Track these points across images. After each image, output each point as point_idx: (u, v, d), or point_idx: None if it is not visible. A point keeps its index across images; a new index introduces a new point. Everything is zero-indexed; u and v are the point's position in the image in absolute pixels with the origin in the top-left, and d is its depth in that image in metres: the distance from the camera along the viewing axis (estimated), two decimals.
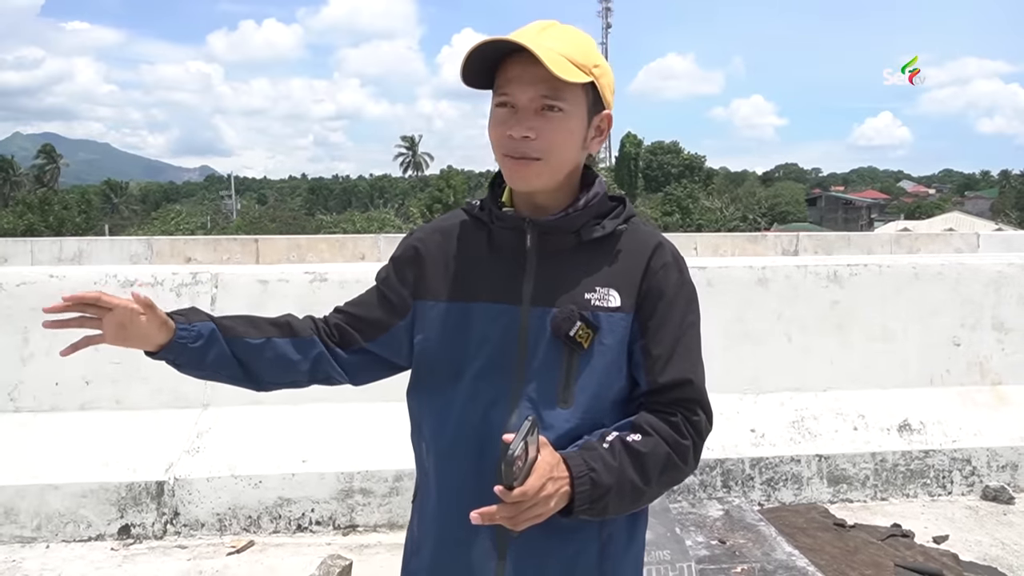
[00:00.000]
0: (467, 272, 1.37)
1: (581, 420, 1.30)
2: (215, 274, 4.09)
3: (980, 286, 4.53)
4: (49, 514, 3.54)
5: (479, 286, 1.34)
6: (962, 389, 4.43)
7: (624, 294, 1.33)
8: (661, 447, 1.29)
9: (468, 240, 1.40)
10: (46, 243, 12.10)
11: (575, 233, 1.34)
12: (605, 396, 1.33)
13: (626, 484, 1.24)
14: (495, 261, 1.36)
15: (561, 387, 1.30)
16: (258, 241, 12.06)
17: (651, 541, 2.70)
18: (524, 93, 1.28)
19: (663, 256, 1.37)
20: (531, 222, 1.33)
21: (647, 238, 1.38)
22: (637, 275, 1.34)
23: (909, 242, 12.61)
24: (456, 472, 1.33)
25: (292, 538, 3.61)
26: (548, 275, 1.33)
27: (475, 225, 1.41)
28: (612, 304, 1.31)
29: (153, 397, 3.95)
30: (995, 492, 4.04)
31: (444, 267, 1.39)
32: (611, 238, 1.36)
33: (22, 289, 3.96)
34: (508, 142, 1.29)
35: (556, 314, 1.30)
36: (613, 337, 1.32)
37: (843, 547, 3.41)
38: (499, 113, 1.30)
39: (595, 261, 1.34)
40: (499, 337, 1.32)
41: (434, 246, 1.42)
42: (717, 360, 4.32)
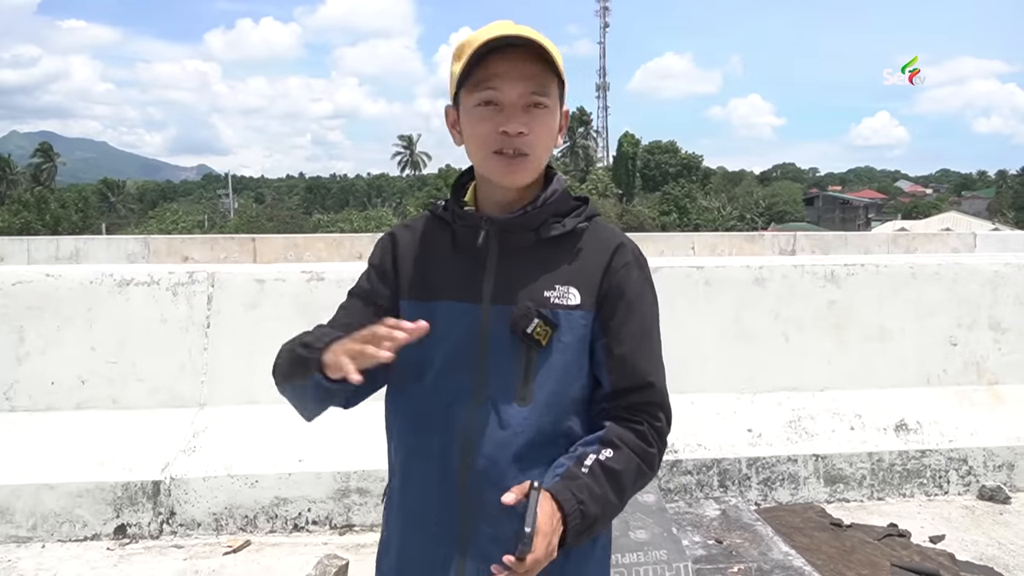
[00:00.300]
0: (431, 271, 1.37)
1: (540, 418, 1.31)
2: (211, 273, 4.09)
3: (977, 286, 4.54)
4: (45, 514, 3.53)
5: (442, 285, 1.35)
6: (959, 389, 4.43)
7: (584, 292, 1.33)
8: (632, 461, 1.31)
9: (434, 240, 1.40)
10: (42, 242, 12.07)
11: (534, 231, 1.35)
12: (565, 394, 1.33)
13: (609, 507, 1.28)
14: (457, 260, 1.36)
15: (519, 385, 1.31)
16: (255, 240, 12.04)
17: (647, 541, 2.70)
18: (513, 89, 1.27)
19: (624, 255, 1.38)
20: (489, 220, 1.34)
21: (609, 237, 1.39)
22: (598, 274, 1.35)
23: (906, 242, 12.62)
24: (421, 471, 1.34)
25: (288, 538, 3.60)
26: (508, 273, 1.33)
27: (440, 225, 1.41)
28: (572, 302, 1.32)
29: (149, 396, 3.95)
30: (991, 492, 4.04)
31: (413, 266, 1.39)
32: (572, 236, 1.36)
33: (18, 288, 3.95)
34: (502, 139, 1.29)
35: (514, 312, 1.30)
36: (573, 335, 1.32)
37: (840, 547, 3.40)
38: (483, 111, 1.29)
39: (555, 259, 1.35)
40: (461, 335, 1.32)
41: (404, 245, 1.42)
42: (714, 359, 4.34)
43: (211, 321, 4.02)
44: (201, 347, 4.01)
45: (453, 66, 1.33)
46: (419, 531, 1.35)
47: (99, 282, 4.00)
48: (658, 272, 4.77)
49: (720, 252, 12.00)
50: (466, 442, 1.30)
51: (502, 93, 1.28)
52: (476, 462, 1.30)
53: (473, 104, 1.30)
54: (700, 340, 4.32)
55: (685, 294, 4.32)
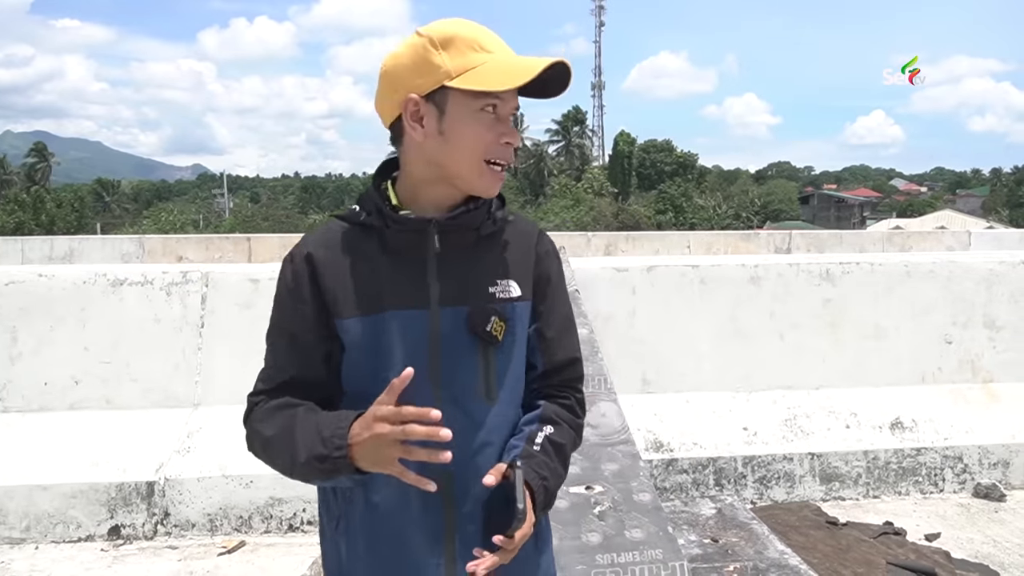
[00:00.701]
0: (368, 283, 1.31)
1: (506, 412, 1.34)
2: (205, 273, 4.07)
3: (972, 284, 4.54)
4: (38, 515, 3.52)
5: (384, 295, 1.29)
6: (954, 387, 4.44)
7: (521, 283, 1.36)
8: (569, 434, 1.39)
9: (358, 250, 1.33)
10: (36, 242, 12.04)
11: (475, 229, 1.34)
12: (519, 385, 1.38)
13: (559, 480, 1.35)
14: (395, 266, 1.31)
15: (482, 383, 1.31)
16: (250, 240, 12.02)
17: (643, 540, 2.69)
18: (510, 102, 1.30)
19: (545, 242, 1.43)
20: (436, 223, 1.31)
21: (527, 227, 1.43)
22: (529, 263, 1.38)
23: (901, 240, 12.65)
24: (397, 487, 1.25)
25: (283, 538, 3.59)
26: (452, 274, 1.31)
27: (363, 233, 1.34)
28: (514, 294, 1.34)
29: (143, 397, 3.93)
30: (986, 489, 4.04)
31: (343, 282, 1.31)
32: (500, 231, 1.37)
33: (11, 288, 3.93)
34: (504, 150, 1.30)
35: (470, 312, 1.30)
36: (520, 326, 1.36)
37: (835, 545, 3.41)
38: (486, 118, 1.28)
39: (492, 255, 1.35)
40: (412, 343, 1.29)
41: (325, 264, 1.32)
42: (709, 358, 4.34)
43: (205, 321, 4.01)
44: (195, 347, 3.99)
45: (433, 56, 1.26)
46: (399, 546, 1.30)
47: (92, 282, 3.99)
48: (654, 271, 4.78)
49: (716, 251, 12.01)
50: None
51: (503, 105, 1.29)
52: (460, 467, 1.26)
53: (477, 108, 1.27)
54: (696, 339, 4.32)
55: (681, 293, 4.32)
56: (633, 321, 4.27)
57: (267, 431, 1.30)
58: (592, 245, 11.84)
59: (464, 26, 1.29)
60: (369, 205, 1.34)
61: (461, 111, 1.27)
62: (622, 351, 4.17)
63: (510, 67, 1.26)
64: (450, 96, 1.27)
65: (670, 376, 4.26)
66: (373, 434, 1.16)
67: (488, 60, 1.26)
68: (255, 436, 1.33)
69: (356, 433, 1.19)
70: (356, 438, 1.19)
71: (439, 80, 1.26)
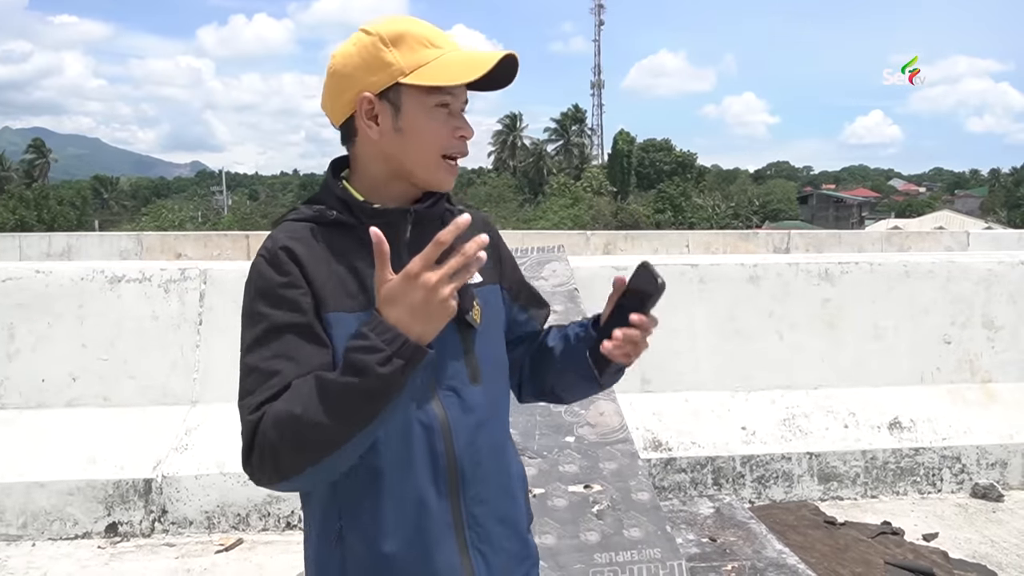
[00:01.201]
0: (351, 279, 1.28)
1: (492, 392, 1.36)
2: (204, 270, 4.07)
3: (970, 284, 4.55)
4: (35, 512, 3.51)
5: (370, 290, 1.25)
6: (952, 387, 4.44)
7: (483, 268, 1.28)
8: None
9: (333, 246, 1.29)
10: (34, 238, 12.04)
11: (439, 218, 1.36)
12: (502, 365, 1.42)
13: None
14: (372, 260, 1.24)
15: (467, 366, 1.32)
16: (249, 237, 12.02)
17: (641, 539, 2.69)
18: (461, 97, 1.31)
19: (486, 222, 1.49)
20: (413, 213, 1.32)
21: (477, 214, 1.44)
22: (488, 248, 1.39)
23: (900, 240, 12.67)
24: (404, 482, 1.26)
25: (281, 536, 3.59)
26: None
27: (332, 231, 1.30)
28: (476, 279, 1.35)
29: (141, 394, 3.92)
30: (984, 490, 4.05)
31: (325, 278, 1.26)
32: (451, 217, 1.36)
33: (8, 285, 3.92)
34: (460, 144, 1.31)
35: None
36: (490, 308, 1.38)
37: (833, 545, 3.41)
38: (440, 113, 1.29)
39: (453, 243, 1.35)
40: None
41: (306, 258, 1.26)
42: (708, 357, 4.34)
43: (203, 318, 4.01)
44: (193, 344, 3.99)
45: (384, 54, 1.25)
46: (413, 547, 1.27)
47: (90, 279, 3.98)
48: None
49: (714, 250, 12.02)
50: (446, 436, 1.28)
51: (457, 99, 1.30)
52: (462, 451, 1.29)
53: (432, 104, 1.28)
54: (694, 338, 4.32)
55: (680, 292, 4.32)
56: None
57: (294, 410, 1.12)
58: (591, 244, 11.85)
59: (411, 23, 1.30)
60: (334, 203, 1.32)
61: (416, 107, 1.27)
62: None
63: (463, 62, 1.27)
64: (403, 93, 1.27)
65: (669, 375, 4.25)
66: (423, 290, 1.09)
67: (440, 56, 1.27)
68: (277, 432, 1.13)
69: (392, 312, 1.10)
70: (399, 316, 1.10)
71: (393, 77, 1.26)
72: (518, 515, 1.40)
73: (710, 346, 4.33)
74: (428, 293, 1.10)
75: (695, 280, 4.36)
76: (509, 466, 1.39)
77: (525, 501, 1.45)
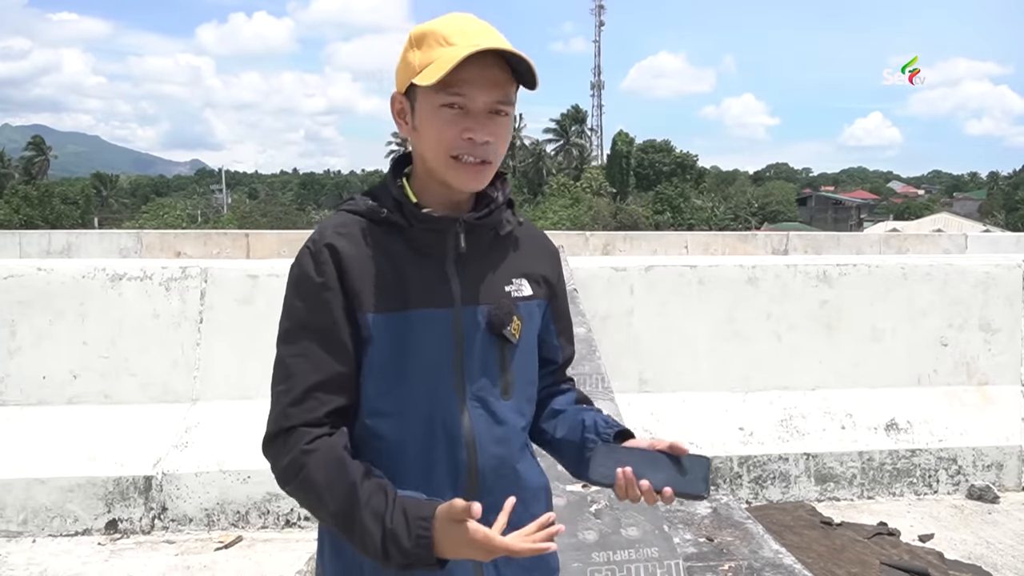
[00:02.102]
0: (393, 280, 1.30)
1: (520, 408, 1.37)
2: (204, 268, 4.08)
3: (968, 287, 4.56)
4: (35, 508, 3.52)
5: (409, 292, 1.29)
6: (949, 389, 4.46)
7: (533, 282, 1.39)
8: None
9: (379, 246, 1.31)
10: (35, 236, 12.03)
11: (493, 229, 1.36)
12: (533, 381, 1.42)
13: None
14: (419, 264, 1.30)
15: (501, 379, 1.33)
16: (248, 235, 12.02)
17: (638, 539, 2.71)
18: (480, 96, 1.25)
19: (552, 244, 1.50)
20: (463, 222, 1.31)
21: (535, 229, 1.48)
22: (542, 263, 1.43)
23: (898, 242, 12.68)
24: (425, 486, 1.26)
25: (280, 534, 3.60)
26: (472, 273, 1.33)
27: (381, 229, 1.32)
28: (526, 293, 1.37)
29: (142, 391, 3.94)
30: (980, 491, 4.07)
31: (368, 278, 1.29)
32: (513, 231, 1.40)
33: (9, 282, 3.93)
34: (467, 145, 1.26)
35: (491, 311, 1.31)
36: (531, 325, 1.38)
37: (830, 545, 3.42)
38: (446, 113, 1.26)
39: (507, 254, 1.38)
40: (436, 342, 1.29)
41: (349, 257, 1.28)
42: (706, 358, 4.35)
43: (204, 316, 4.02)
44: (194, 342, 4.00)
45: (408, 54, 1.29)
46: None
47: (91, 276, 3.99)
48: (652, 271, 4.78)
49: (713, 251, 12.03)
50: (469, 447, 1.29)
51: (469, 99, 1.25)
52: (484, 463, 1.30)
53: (438, 104, 1.26)
54: (693, 339, 4.33)
55: (678, 293, 4.34)
56: (631, 320, 4.29)
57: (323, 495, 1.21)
58: (590, 244, 11.86)
59: (445, 21, 1.29)
60: (388, 201, 1.33)
61: (425, 106, 1.28)
62: (619, 350, 4.18)
63: (448, 59, 1.23)
64: (418, 92, 1.28)
65: (667, 376, 4.27)
66: (484, 550, 1.14)
67: (444, 53, 1.24)
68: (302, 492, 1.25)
69: (446, 543, 1.15)
70: (445, 546, 1.15)
71: (410, 77, 1.28)
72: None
73: (708, 347, 4.35)
74: (484, 552, 1.14)
75: (694, 281, 4.37)
76: (526, 477, 1.38)
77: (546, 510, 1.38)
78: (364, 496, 1.19)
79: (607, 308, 4.29)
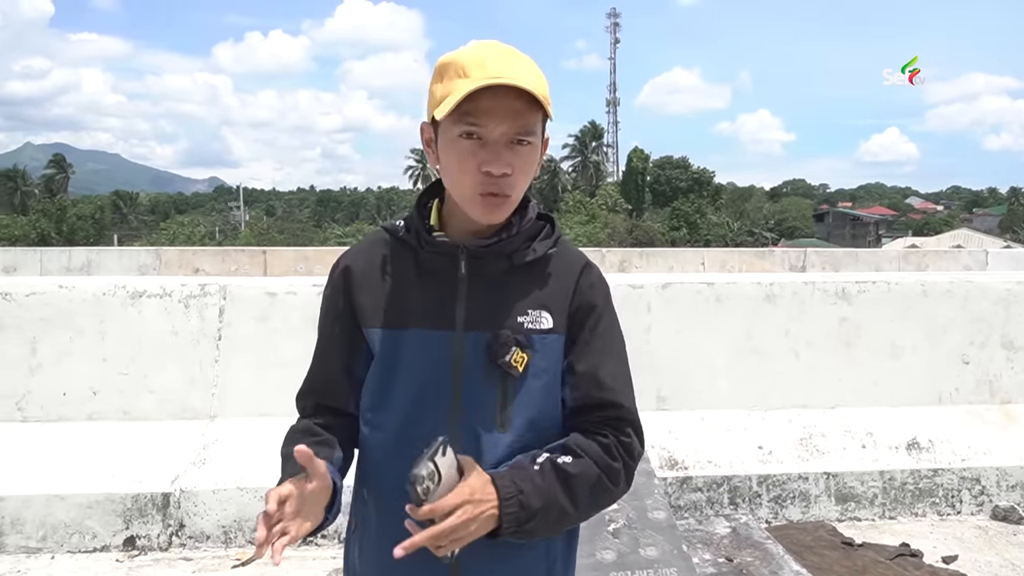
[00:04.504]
0: (397, 297, 1.33)
1: (519, 444, 1.30)
2: (223, 286, 4.11)
3: (989, 304, 4.51)
4: (55, 524, 3.54)
5: (411, 312, 1.31)
6: (971, 407, 4.40)
7: (556, 315, 1.32)
8: (592, 469, 1.28)
9: (394, 264, 1.35)
10: (55, 253, 12.17)
11: (507, 257, 1.32)
12: (543, 419, 1.32)
13: (554, 507, 1.24)
14: (425, 286, 1.32)
15: (498, 411, 1.29)
16: (266, 252, 12.11)
17: (657, 559, 2.69)
18: (498, 127, 1.23)
19: (590, 276, 1.38)
20: (465, 249, 1.30)
21: (574, 259, 1.39)
22: (567, 295, 1.34)
23: (917, 259, 12.58)
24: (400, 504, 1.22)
25: (297, 551, 3.60)
26: (481, 299, 1.30)
27: (401, 248, 1.36)
28: (544, 326, 1.31)
29: (160, 408, 3.96)
30: (1005, 512, 4.00)
31: (375, 294, 1.34)
32: (541, 260, 1.35)
33: (31, 299, 3.98)
34: (485, 179, 1.24)
35: (489, 339, 1.28)
36: (547, 359, 1.31)
37: (851, 566, 3.38)
38: (466, 145, 1.24)
39: (526, 284, 1.33)
40: (432, 364, 1.29)
41: (360, 275, 1.37)
42: (724, 376, 4.33)
43: (222, 333, 4.04)
44: (212, 359, 4.02)
45: (433, 85, 1.29)
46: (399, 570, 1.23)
47: (112, 293, 4.03)
48: (668, 288, 4.77)
49: (730, 268, 11.99)
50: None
51: (486, 130, 1.23)
52: None
53: (456, 134, 1.25)
54: (710, 356, 4.31)
55: (696, 310, 4.32)
56: (648, 338, 4.27)
57: (282, 449, 1.45)
58: (606, 261, 11.85)
59: (467, 52, 1.27)
60: (410, 222, 1.37)
61: (445, 138, 1.28)
62: (637, 368, 4.11)
63: (459, 93, 1.22)
64: (440, 123, 1.28)
65: (685, 393, 4.24)
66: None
67: (458, 86, 1.23)
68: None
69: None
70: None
71: (432, 108, 1.29)
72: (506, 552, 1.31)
73: (726, 364, 4.32)
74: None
75: (711, 299, 4.35)
76: None
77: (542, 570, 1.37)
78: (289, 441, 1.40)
79: (624, 325, 4.26)
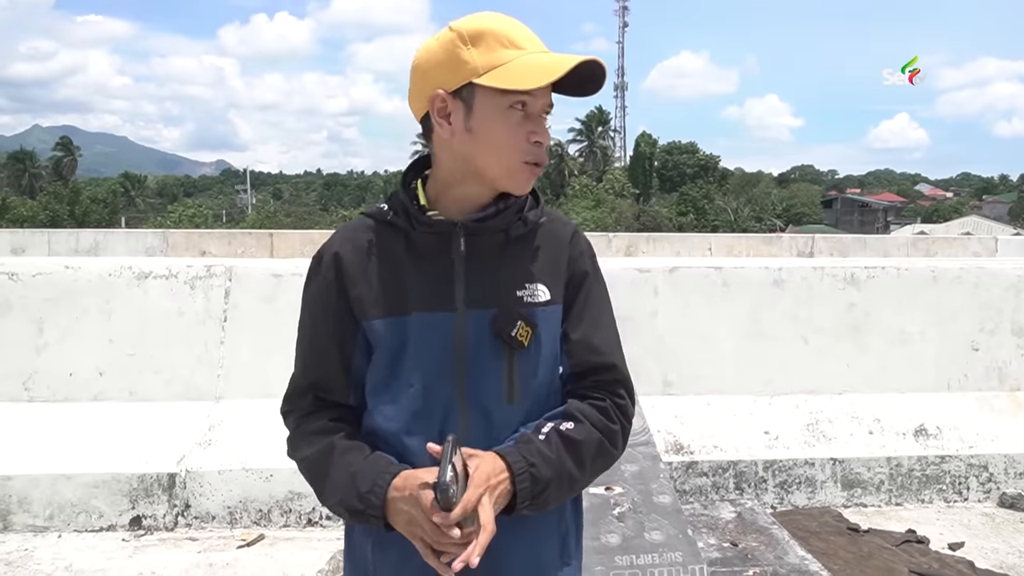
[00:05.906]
0: (393, 284, 1.31)
1: (529, 414, 1.32)
2: (229, 267, 4.10)
3: (999, 290, 4.48)
4: (61, 504, 3.56)
5: (409, 296, 1.30)
6: (980, 394, 4.37)
7: (551, 287, 1.34)
8: (594, 434, 1.31)
9: (384, 250, 1.33)
10: (63, 234, 12.18)
11: (503, 232, 1.32)
12: (548, 388, 1.35)
13: (564, 475, 1.27)
14: (421, 268, 1.31)
15: (506, 386, 1.30)
16: (272, 235, 12.10)
17: (662, 543, 2.68)
18: (542, 98, 1.28)
19: (579, 244, 1.40)
20: (462, 225, 1.30)
21: (562, 228, 1.40)
22: (561, 266, 1.36)
23: (926, 245, 12.50)
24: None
25: (302, 532, 3.61)
26: (479, 277, 1.30)
27: (389, 232, 1.34)
28: (542, 299, 1.32)
29: (166, 389, 3.97)
30: (1012, 499, 3.98)
31: (369, 283, 1.32)
32: (532, 232, 1.35)
33: (38, 280, 3.98)
34: (533, 148, 1.28)
35: (496, 316, 1.28)
36: (548, 331, 1.33)
37: (857, 552, 3.37)
38: (517, 116, 1.26)
39: (521, 257, 1.33)
40: (437, 345, 1.29)
41: (352, 264, 1.32)
42: (731, 361, 4.30)
43: (228, 315, 4.04)
44: (218, 340, 4.02)
45: (463, 52, 1.25)
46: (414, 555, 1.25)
47: (118, 274, 4.03)
48: (676, 272, 4.74)
49: (737, 253, 11.93)
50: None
51: (534, 100, 1.27)
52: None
53: (506, 106, 1.25)
54: (717, 341, 4.29)
55: (703, 295, 4.29)
56: (655, 322, 4.25)
57: (303, 453, 1.36)
58: (613, 246, 11.81)
59: (497, 21, 1.27)
60: (396, 204, 1.34)
61: (489, 108, 1.26)
62: (643, 352, 4.15)
63: (539, 64, 1.24)
64: (478, 93, 1.26)
65: (691, 378, 4.23)
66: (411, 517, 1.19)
67: (517, 57, 1.24)
68: (292, 450, 1.41)
69: (394, 497, 1.22)
70: (393, 503, 1.22)
71: (466, 76, 1.25)
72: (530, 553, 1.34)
73: (733, 349, 4.30)
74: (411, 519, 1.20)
75: (719, 283, 4.33)
76: None
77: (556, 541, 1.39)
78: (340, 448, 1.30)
79: (630, 309, 4.25)
